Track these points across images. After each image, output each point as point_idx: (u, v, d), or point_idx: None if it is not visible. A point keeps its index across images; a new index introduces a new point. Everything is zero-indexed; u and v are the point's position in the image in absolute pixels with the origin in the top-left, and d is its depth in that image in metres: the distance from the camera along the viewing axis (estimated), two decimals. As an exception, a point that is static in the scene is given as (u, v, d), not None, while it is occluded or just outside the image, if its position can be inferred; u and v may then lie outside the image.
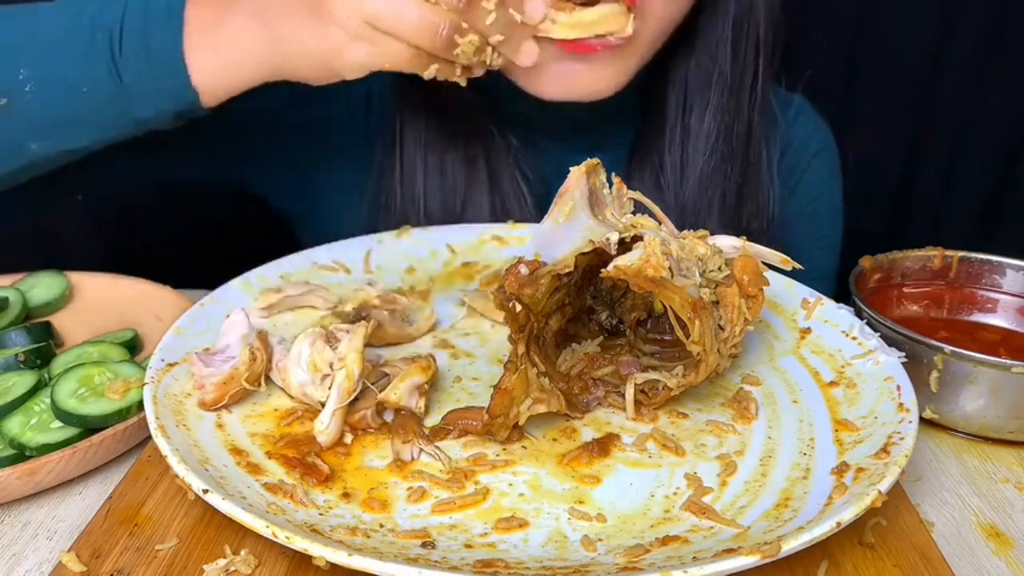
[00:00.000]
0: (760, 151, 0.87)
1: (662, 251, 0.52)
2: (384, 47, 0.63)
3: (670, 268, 0.52)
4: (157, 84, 0.66)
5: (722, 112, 0.84)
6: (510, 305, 0.54)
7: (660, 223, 0.60)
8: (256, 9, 0.65)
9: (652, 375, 0.58)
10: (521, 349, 0.54)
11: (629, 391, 0.57)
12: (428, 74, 0.66)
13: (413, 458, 0.54)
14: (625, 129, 0.90)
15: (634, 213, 0.60)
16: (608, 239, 0.55)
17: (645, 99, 0.88)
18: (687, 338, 0.55)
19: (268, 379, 0.59)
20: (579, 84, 0.75)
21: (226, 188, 0.95)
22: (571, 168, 0.58)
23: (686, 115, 0.85)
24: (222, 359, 0.57)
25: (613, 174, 0.60)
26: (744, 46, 0.83)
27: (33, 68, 0.66)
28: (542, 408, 0.54)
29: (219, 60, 0.66)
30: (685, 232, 0.60)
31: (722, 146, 0.85)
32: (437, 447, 0.54)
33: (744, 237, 0.62)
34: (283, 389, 0.58)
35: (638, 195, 0.61)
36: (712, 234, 0.61)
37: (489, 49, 0.66)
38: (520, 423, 0.54)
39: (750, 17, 0.82)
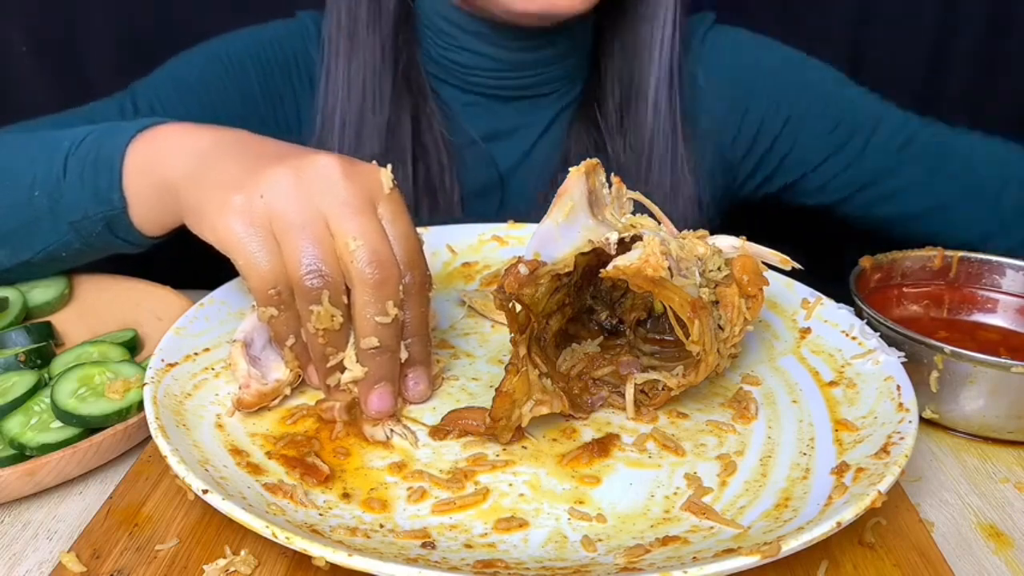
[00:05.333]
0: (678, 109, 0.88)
1: (661, 251, 0.52)
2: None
3: (669, 268, 0.52)
4: (91, 181, 0.64)
5: (663, 66, 0.86)
6: (510, 305, 0.54)
7: (660, 223, 0.60)
8: (200, 154, 0.59)
9: (652, 375, 0.58)
10: (523, 351, 0.54)
11: (629, 391, 0.57)
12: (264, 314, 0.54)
13: (387, 437, 0.54)
14: (569, 88, 0.91)
15: (634, 213, 0.60)
16: (607, 239, 0.55)
17: (591, 60, 0.90)
18: (687, 338, 0.55)
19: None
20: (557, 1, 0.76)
21: None
22: (570, 168, 0.58)
23: (626, 74, 0.87)
24: (266, 365, 0.57)
25: (612, 175, 0.60)
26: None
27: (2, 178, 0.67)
28: (545, 410, 0.54)
29: (147, 177, 0.62)
30: (684, 232, 0.60)
31: (664, 96, 0.87)
32: (406, 426, 0.55)
33: (743, 237, 0.62)
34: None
35: (638, 195, 0.61)
36: (699, 231, 0.61)
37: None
38: (523, 425, 0.54)
39: None
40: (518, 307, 0.54)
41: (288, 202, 0.52)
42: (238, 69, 0.89)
